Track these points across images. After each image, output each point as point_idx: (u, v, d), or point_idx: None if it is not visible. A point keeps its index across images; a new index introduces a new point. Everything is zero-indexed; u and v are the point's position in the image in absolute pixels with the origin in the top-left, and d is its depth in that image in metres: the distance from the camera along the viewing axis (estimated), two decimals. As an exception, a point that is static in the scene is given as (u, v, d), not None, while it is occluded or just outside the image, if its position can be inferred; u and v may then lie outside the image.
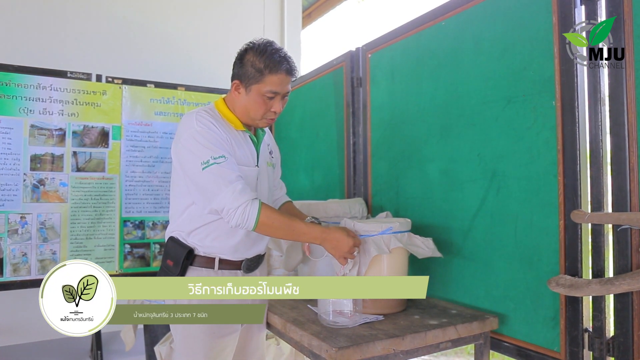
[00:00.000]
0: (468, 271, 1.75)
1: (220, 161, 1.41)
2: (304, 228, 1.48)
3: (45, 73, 2.90)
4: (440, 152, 1.89)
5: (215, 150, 1.42)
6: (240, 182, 1.41)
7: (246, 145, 1.56)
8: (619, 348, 1.29)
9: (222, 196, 1.39)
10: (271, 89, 1.47)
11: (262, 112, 1.51)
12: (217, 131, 1.45)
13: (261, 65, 1.46)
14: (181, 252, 1.50)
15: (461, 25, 1.80)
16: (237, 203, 1.39)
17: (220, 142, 1.44)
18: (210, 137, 1.43)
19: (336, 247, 1.48)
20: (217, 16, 3.97)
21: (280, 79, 1.47)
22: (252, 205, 1.40)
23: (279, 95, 1.50)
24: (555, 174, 1.44)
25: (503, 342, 1.62)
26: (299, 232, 1.47)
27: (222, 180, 1.40)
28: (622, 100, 1.28)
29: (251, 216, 1.39)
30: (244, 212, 1.39)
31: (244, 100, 1.51)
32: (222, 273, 1.53)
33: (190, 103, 3.31)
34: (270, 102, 1.50)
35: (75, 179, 2.94)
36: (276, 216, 1.43)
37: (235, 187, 1.40)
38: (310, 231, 1.48)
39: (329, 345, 1.30)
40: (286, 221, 1.45)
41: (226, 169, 1.41)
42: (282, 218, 1.45)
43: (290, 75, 1.50)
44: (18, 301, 3.12)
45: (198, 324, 1.48)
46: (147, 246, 3.14)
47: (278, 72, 1.46)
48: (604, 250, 1.34)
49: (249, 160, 1.54)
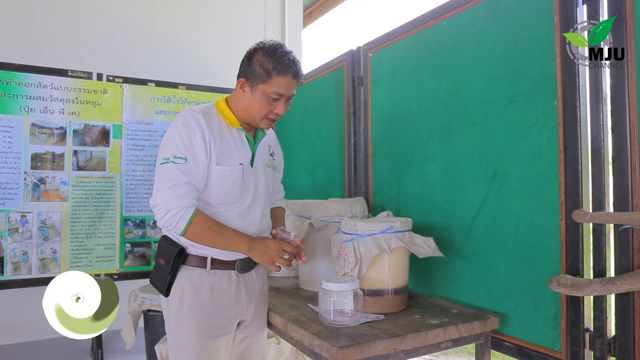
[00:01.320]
0: (469, 271, 1.75)
1: (179, 162, 1.42)
2: (233, 237, 1.47)
3: (46, 72, 2.90)
4: (441, 151, 1.89)
5: (180, 150, 1.43)
6: (185, 188, 1.41)
7: (240, 144, 1.55)
8: (620, 348, 1.29)
9: (161, 195, 1.42)
10: (277, 90, 1.47)
11: (265, 112, 1.51)
12: (194, 133, 1.44)
13: (270, 66, 1.46)
14: (172, 251, 1.49)
15: (462, 24, 1.80)
16: (170, 206, 1.40)
17: (192, 144, 1.44)
18: (184, 137, 1.44)
19: (264, 253, 1.48)
20: (219, 15, 3.97)
21: (287, 82, 1.48)
22: (186, 212, 1.41)
23: (283, 98, 1.50)
24: (557, 174, 1.44)
25: (504, 341, 1.62)
26: (227, 241, 1.47)
27: (169, 180, 1.42)
28: (624, 100, 1.28)
29: (182, 221, 1.40)
30: (175, 216, 1.40)
31: (248, 99, 1.51)
32: (214, 273, 1.52)
33: (191, 102, 3.31)
34: (274, 103, 1.50)
35: (76, 178, 2.94)
36: (207, 224, 1.44)
37: (176, 191, 1.41)
38: (238, 240, 1.47)
39: (329, 344, 1.30)
40: (216, 230, 1.45)
41: (180, 171, 1.42)
42: (212, 227, 1.45)
43: (297, 79, 1.51)
44: (19, 300, 3.12)
45: (189, 325, 1.48)
46: (147, 245, 3.14)
47: (286, 75, 1.47)
48: (606, 250, 1.34)
49: (236, 160, 1.52)
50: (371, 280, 1.61)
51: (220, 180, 1.47)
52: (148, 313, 2.46)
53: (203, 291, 1.50)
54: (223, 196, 1.49)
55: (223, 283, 1.52)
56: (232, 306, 1.54)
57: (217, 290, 1.51)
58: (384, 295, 1.61)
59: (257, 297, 1.62)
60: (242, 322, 1.60)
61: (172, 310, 1.52)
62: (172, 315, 1.52)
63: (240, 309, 1.57)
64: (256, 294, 1.62)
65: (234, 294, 1.54)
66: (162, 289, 1.53)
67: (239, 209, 1.52)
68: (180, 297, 1.50)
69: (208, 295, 1.50)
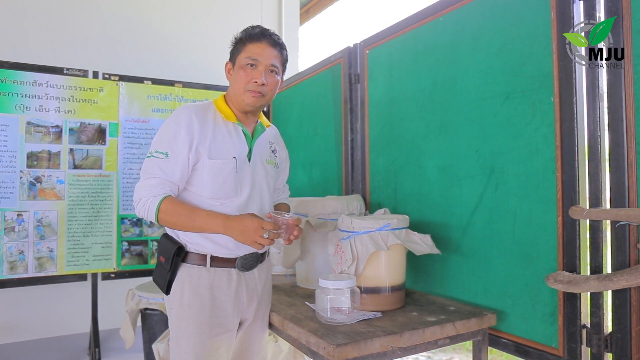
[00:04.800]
0: (466, 268, 1.75)
1: (159, 156, 1.44)
2: (205, 218, 1.43)
3: (41, 70, 2.89)
4: (438, 148, 1.89)
5: (163, 145, 1.45)
6: (158, 180, 1.43)
7: (236, 138, 1.54)
8: (616, 344, 1.29)
9: (138, 185, 1.46)
10: (250, 55, 1.49)
11: (244, 82, 1.50)
12: (180, 129, 1.44)
13: (241, 36, 1.52)
14: (171, 248, 1.49)
15: (459, 21, 1.80)
16: (141, 196, 1.44)
17: (176, 139, 1.44)
18: (170, 132, 1.45)
19: (242, 232, 1.39)
20: (215, 12, 3.96)
21: (259, 47, 1.49)
22: (154, 200, 1.42)
23: (260, 65, 1.49)
24: (554, 170, 1.44)
25: (501, 338, 1.62)
26: (200, 222, 1.43)
27: (147, 172, 1.45)
28: (621, 97, 1.28)
29: (151, 209, 1.42)
30: (145, 204, 1.43)
31: (233, 78, 1.54)
32: (214, 271, 1.51)
33: (187, 100, 3.30)
34: (251, 71, 1.50)
35: (72, 177, 2.93)
36: (176, 209, 1.43)
37: (149, 182, 1.44)
38: (211, 220, 1.42)
39: (326, 342, 1.30)
40: (186, 213, 1.43)
41: (158, 165, 1.44)
42: (182, 211, 1.43)
43: (272, 47, 1.51)
44: (15, 299, 3.11)
45: (189, 323, 1.48)
46: (144, 244, 3.13)
47: (257, 41, 1.50)
48: (602, 247, 1.34)
49: (230, 153, 1.50)
50: (368, 278, 1.60)
51: (213, 174, 1.47)
52: (145, 312, 2.46)
53: (203, 289, 1.49)
54: (217, 190, 1.48)
55: (223, 281, 1.51)
56: (233, 305, 1.53)
57: (217, 288, 1.50)
58: (381, 292, 1.61)
59: (259, 296, 1.61)
60: (244, 321, 1.59)
61: (173, 308, 1.51)
62: (172, 313, 1.52)
63: (240, 308, 1.56)
64: (258, 294, 1.60)
65: (234, 293, 1.53)
66: (162, 287, 1.53)
67: (235, 203, 1.51)
68: (180, 295, 1.49)
69: (208, 293, 1.49)
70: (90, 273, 3.00)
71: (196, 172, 1.48)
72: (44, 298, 3.21)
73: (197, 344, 1.47)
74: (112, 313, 3.27)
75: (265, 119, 1.69)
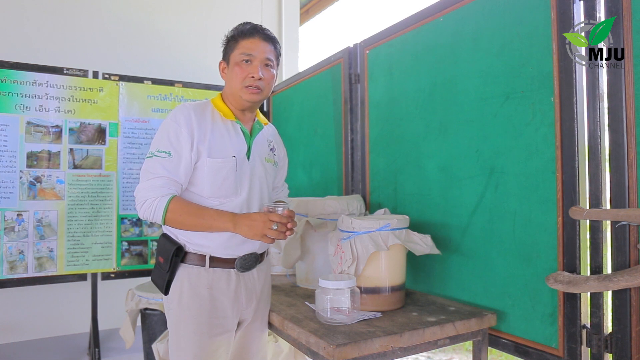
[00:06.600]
0: (466, 268, 1.75)
1: (162, 156, 1.43)
2: (214, 216, 1.43)
3: (41, 69, 2.89)
4: (438, 148, 1.89)
5: (164, 145, 1.44)
6: (163, 180, 1.42)
7: (235, 136, 1.54)
8: (616, 344, 1.29)
9: (141, 187, 1.44)
10: (244, 51, 1.49)
11: (241, 78, 1.50)
12: (181, 128, 1.44)
13: (233, 33, 1.53)
14: (170, 249, 1.49)
15: (459, 21, 1.80)
16: (146, 197, 1.42)
17: (178, 139, 1.44)
18: (171, 132, 1.45)
19: (250, 227, 1.39)
20: (215, 12, 3.95)
21: (253, 43, 1.50)
22: (161, 200, 1.41)
23: (256, 60, 1.50)
24: (554, 171, 1.44)
25: (501, 338, 1.62)
26: (209, 221, 1.43)
27: (150, 172, 1.43)
28: (621, 97, 1.28)
29: (158, 210, 1.41)
30: (151, 205, 1.41)
31: (229, 76, 1.54)
32: (213, 271, 1.51)
33: (187, 99, 3.30)
34: (247, 67, 1.50)
35: (72, 176, 2.92)
36: (184, 208, 1.42)
37: (154, 183, 1.42)
38: (220, 218, 1.42)
39: (326, 342, 1.30)
40: (194, 212, 1.43)
41: (161, 164, 1.43)
42: (190, 210, 1.43)
43: (265, 41, 1.52)
44: (15, 299, 3.11)
45: (188, 323, 1.48)
46: (144, 244, 3.13)
47: (250, 37, 1.50)
48: (602, 247, 1.34)
49: (229, 152, 1.50)
50: (368, 278, 1.60)
51: (213, 173, 1.47)
52: (145, 312, 2.46)
53: (201, 290, 1.49)
54: (217, 189, 1.48)
55: (222, 282, 1.51)
56: (232, 305, 1.53)
57: (215, 289, 1.50)
58: (381, 292, 1.61)
59: (258, 296, 1.61)
60: (242, 321, 1.59)
61: (172, 309, 1.51)
62: (171, 313, 1.52)
63: (240, 309, 1.56)
64: (257, 294, 1.60)
65: (233, 293, 1.53)
66: (161, 287, 1.52)
67: (234, 202, 1.50)
68: (178, 296, 1.49)
69: (206, 293, 1.49)
70: (90, 273, 3.00)
71: (196, 171, 1.47)
72: (44, 298, 3.20)
73: (196, 344, 1.47)
74: (112, 313, 3.27)
75: (263, 117, 1.69)
